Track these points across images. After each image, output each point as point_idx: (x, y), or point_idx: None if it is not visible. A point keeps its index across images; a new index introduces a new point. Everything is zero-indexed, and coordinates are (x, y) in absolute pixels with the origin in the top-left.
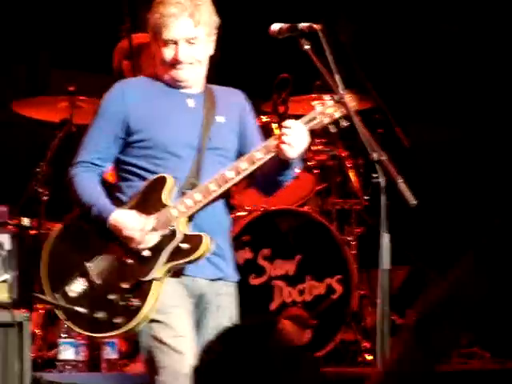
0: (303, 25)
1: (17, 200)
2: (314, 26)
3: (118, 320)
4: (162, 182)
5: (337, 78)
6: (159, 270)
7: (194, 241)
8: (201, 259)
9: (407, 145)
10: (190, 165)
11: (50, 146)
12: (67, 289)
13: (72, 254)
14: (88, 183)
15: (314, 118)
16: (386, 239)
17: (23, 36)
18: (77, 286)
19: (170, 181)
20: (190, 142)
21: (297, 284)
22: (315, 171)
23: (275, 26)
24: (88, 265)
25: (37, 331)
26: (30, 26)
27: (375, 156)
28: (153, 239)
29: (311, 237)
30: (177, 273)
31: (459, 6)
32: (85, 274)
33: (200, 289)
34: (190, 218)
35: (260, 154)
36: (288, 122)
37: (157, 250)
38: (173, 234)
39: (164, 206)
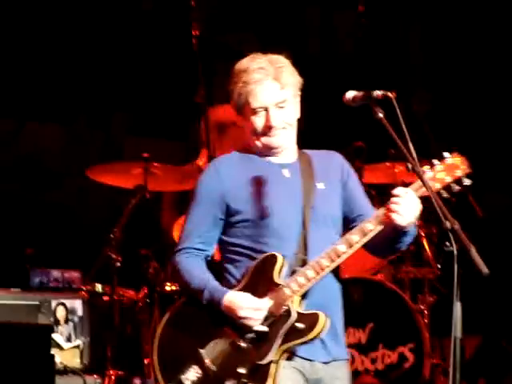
0: (377, 92)
1: (90, 266)
2: (388, 93)
3: None
4: (271, 260)
5: (410, 146)
6: (275, 351)
7: (310, 319)
8: (317, 338)
9: (480, 214)
10: (296, 240)
11: (124, 212)
12: (182, 378)
13: (183, 341)
14: (194, 268)
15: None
16: (458, 308)
17: (99, 101)
18: (191, 375)
19: (279, 259)
20: (293, 215)
21: (369, 352)
22: None
23: (349, 94)
24: (201, 351)
25: None
26: (106, 91)
27: (448, 225)
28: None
29: (384, 305)
30: (290, 354)
31: None
32: (198, 361)
33: (317, 373)
34: (303, 296)
35: (371, 225)
36: (397, 190)
37: (272, 331)
38: (287, 313)
39: (276, 285)
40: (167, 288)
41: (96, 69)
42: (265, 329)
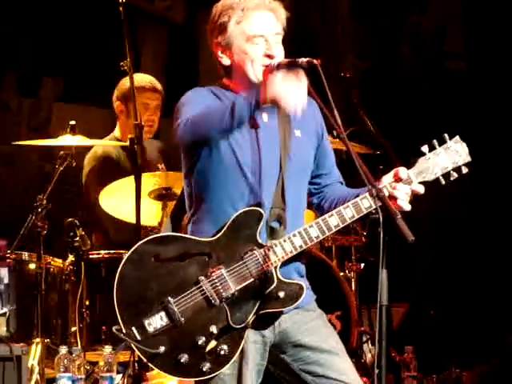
0: (303, 59)
1: (16, 234)
2: (314, 60)
3: (205, 367)
4: (254, 216)
5: (336, 113)
6: (251, 316)
7: (291, 289)
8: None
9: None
10: (272, 191)
11: (50, 179)
12: (145, 322)
13: (150, 282)
14: (209, 106)
15: (427, 169)
16: (384, 275)
17: (27, 67)
18: (156, 321)
19: (263, 216)
20: (271, 165)
21: None
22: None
23: (274, 61)
24: (170, 299)
25: (35, 365)
26: (34, 57)
27: (374, 191)
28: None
29: (311, 273)
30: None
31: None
32: (166, 308)
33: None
34: None
35: (367, 202)
36: (404, 175)
37: (250, 294)
38: (269, 279)
39: (259, 245)
40: (94, 256)
41: (24, 34)
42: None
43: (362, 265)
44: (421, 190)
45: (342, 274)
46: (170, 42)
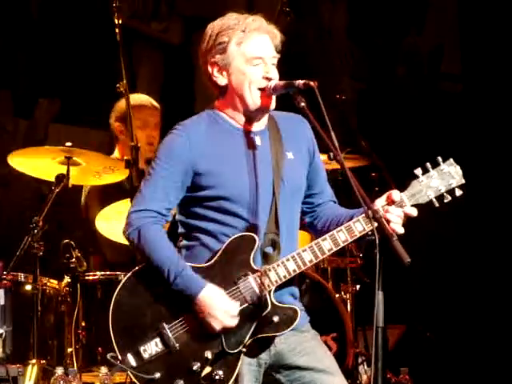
0: (300, 81)
1: (12, 255)
2: (311, 82)
3: None
4: (248, 242)
5: (333, 135)
6: (246, 341)
7: (286, 314)
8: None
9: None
10: (266, 216)
11: (46, 200)
12: (141, 348)
13: (145, 308)
14: (162, 242)
15: (420, 191)
16: (380, 297)
17: (23, 88)
18: (151, 347)
19: (257, 241)
20: (265, 189)
21: None
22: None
23: (271, 83)
24: (166, 326)
25: None
26: (30, 78)
27: (370, 213)
28: (235, 322)
29: (307, 294)
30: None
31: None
32: (161, 335)
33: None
34: None
35: (360, 225)
36: (398, 198)
37: (245, 319)
38: (263, 304)
39: (253, 270)
40: (90, 277)
41: (20, 55)
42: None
43: (358, 286)
44: (413, 212)
45: (337, 295)
46: (166, 63)
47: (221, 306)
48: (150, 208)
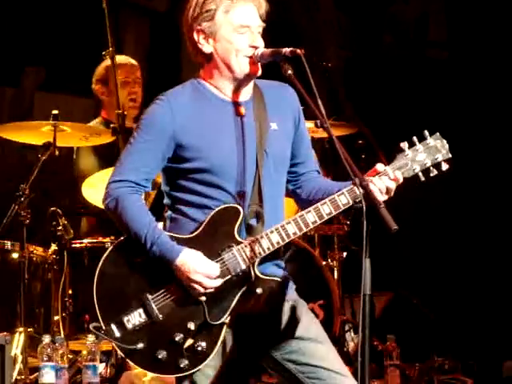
0: (286, 49)
1: None
2: (298, 50)
3: (182, 363)
4: (232, 213)
5: (319, 103)
6: (229, 313)
7: (270, 285)
8: None
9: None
10: (250, 188)
11: (33, 168)
12: (124, 319)
13: (128, 279)
14: (139, 210)
15: (405, 165)
16: (367, 264)
17: (8, 56)
18: (135, 318)
19: (241, 213)
20: (248, 161)
21: None
22: None
23: (258, 51)
24: (150, 297)
25: (18, 354)
26: (15, 46)
27: (357, 181)
28: (218, 283)
29: (294, 261)
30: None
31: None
32: (144, 305)
33: None
34: None
35: (345, 198)
36: (382, 169)
37: (228, 290)
38: (247, 275)
39: (237, 242)
40: (76, 245)
41: (5, 23)
42: (204, 299)
43: (345, 254)
44: (398, 176)
45: (324, 262)
46: (152, 31)
47: (200, 268)
48: (129, 178)
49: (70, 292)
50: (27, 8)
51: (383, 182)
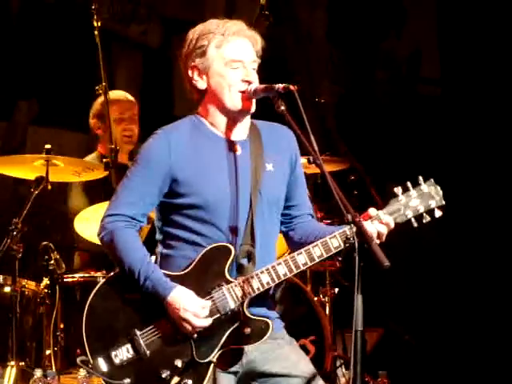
0: (279, 85)
1: None
2: (291, 86)
3: None
4: (223, 252)
5: (312, 139)
6: (217, 351)
7: (258, 326)
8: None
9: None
10: (242, 228)
11: (25, 203)
12: (112, 353)
13: (118, 314)
14: (133, 245)
15: (398, 210)
16: (359, 300)
17: (1, 90)
18: (123, 353)
19: (232, 252)
20: (241, 200)
21: None
22: None
23: (251, 86)
24: (138, 333)
25: None
26: (8, 80)
27: (350, 217)
28: (207, 323)
29: (285, 297)
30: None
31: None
32: (132, 341)
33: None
34: None
35: (336, 241)
36: (382, 216)
37: (217, 329)
38: (235, 315)
39: (227, 281)
40: (68, 279)
41: None
42: (194, 336)
43: (337, 289)
44: (390, 221)
45: (316, 298)
46: (144, 66)
47: (190, 307)
48: (124, 213)
49: (62, 326)
50: (20, 42)
51: (375, 226)
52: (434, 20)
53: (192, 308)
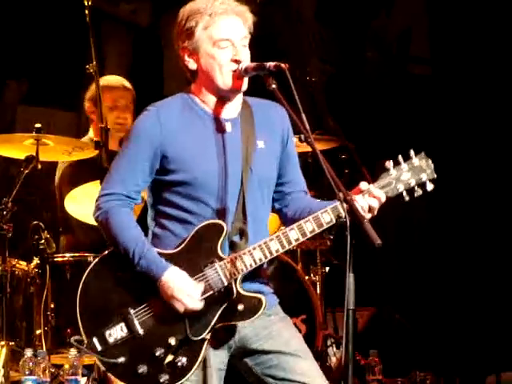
0: (270, 63)
1: None
2: (282, 64)
3: (162, 378)
4: (216, 230)
5: (303, 117)
6: (210, 329)
7: (251, 303)
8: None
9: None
10: (234, 205)
11: (15, 182)
12: (106, 332)
13: (112, 293)
14: (128, 223)
15: (389, 184)
16: (350, 279)
17: None
18: (117, 332)
19: (224, 230)
20: (232, 177)
21: None
22: None
23: (242, 65)
24: (132, 311)
25: (1, 367)
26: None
27: (341, 195)
28: (199, 305)
29: (276, 276)
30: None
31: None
32: (126, 320)
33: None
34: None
35: (328, 216)
36: (370, 188)
37: (209, 307)
38: (228, 292)
39: (220, 258)
40: (59, 259)
41: None
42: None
43: (327, 268)
44: (381, 195)
45: (307, 277)
46: (134, 45)
47: (183, 288)
48: (119, 191)
49: (52, 306)
50: (9, 21)
51: (366, 200)
52: None
53: (185, 288)
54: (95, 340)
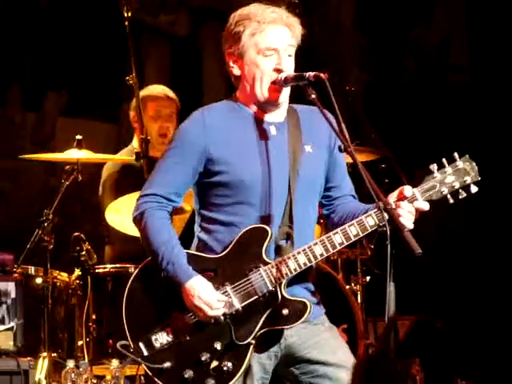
0: (310, 73)
1: (23, 248)
2: (321, 74)
3: (209, 383)
4: (260, 234)
5: (343, 127)
6: (256, 333)
7: (296, 307)
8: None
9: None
10: (281, 209)
11: (56, 193)
12: (152, 338)
13: (156, 298)
14: (160, 228)
15: (434, 187)
16: (391, 288)
17: (31, 82)
18: (163, 337)
19: (269, 234)
20: (279, 181)
21: None
22: (321, 221)
23: (282, 75)
24: (177, 317)
25: (42, 379)
26: (38, 72)
27: (381, 205)
28: (219, 313)
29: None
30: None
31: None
32: (172, 325)
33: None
34: None
35: (372, 220)
36: (410, 193)
37: (255, 311)
38: (273, 296)
39: (264, 263)
40: (100, 270)
41: (29, 48)
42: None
43: (368, 278)
44: (425, 206)
45: (347, 286)
46: (173, 56)
47: (204, 297)
48: (157, 193)
49: (94, 317)
50: (50, 33)
51: (411, 206)
52: (462, 7)
53: (206, 298)
54: (141, 345)
